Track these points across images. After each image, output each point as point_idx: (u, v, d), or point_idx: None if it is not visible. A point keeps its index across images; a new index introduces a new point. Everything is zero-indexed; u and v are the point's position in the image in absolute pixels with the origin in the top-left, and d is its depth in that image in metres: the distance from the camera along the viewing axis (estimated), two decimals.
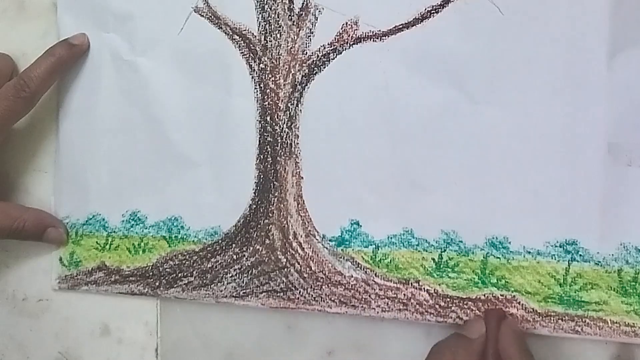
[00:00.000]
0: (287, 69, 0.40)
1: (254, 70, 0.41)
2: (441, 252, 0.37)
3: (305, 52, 0.40)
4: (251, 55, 0.41)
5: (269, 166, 0.41)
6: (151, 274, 0.44)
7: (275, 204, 0.41)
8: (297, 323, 0.41)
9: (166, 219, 0.43)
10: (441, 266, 0.37)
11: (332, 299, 0.39)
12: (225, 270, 0.42)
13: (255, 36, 0.41)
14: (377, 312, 0.38)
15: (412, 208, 0.38)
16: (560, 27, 0.35)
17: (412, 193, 0.38)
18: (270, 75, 0.41)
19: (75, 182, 0.46)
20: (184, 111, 0.43)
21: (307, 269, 0.40)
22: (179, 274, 0.43)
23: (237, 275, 0.41)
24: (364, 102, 0.39)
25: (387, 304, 0.38)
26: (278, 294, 0.40)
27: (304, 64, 0.40)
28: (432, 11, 0.37)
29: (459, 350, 0.34)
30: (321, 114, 0.40)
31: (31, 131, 0.48)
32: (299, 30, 0.40)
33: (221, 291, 0.42)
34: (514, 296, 0.36)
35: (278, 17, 0.41)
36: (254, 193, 0.41)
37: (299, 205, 0.40)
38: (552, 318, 0.35)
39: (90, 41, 0.46)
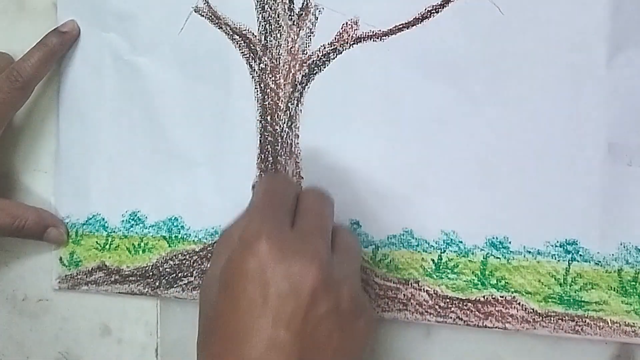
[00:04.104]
0: (287, 69, 0.40)
1: (254, 70, 0.41)
2: (440, 253, 0.37)
3: (305, 52, 0.40)
4: (251, 55, 0.41)
5: (269, 166, 0.41)
6: (151, 274, 0.44)
7: None
8: None
9: (166, 219, 0.43)
10: (440, 267, 0.37)
11: None
12: None
13: (256, 36, 0.41)
14: (377, 312, 0.38)
15: (412, 208, 0.38)
16: (560, 27, 0.35)
17: (412, 193, 0.38)
18: (270, 75, 0.41)
19: (75, 182, 0.46)
20: (184, 111, 0.43)
21: None
22: (179, 274, 0.43)
23: None
24: (364, 102, 0.39)
25: (387, 304, 0.38)
26: None
27: (304, 64, 0.40)
28: (432, 11, 0.37)
29: None
30: (321, 114, 0.40)
31: (31, 131, 0.48)
32: (299, 30, 0.40)
33: None
34: (514, 297, 0.36)
35: (278, 17, 0.41)
36: None
37: None
38: (552, 318, 0.35)
39: (90, 41, 0.46)
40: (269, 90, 0.41)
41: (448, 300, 0.37)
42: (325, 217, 0.33)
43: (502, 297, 0.36)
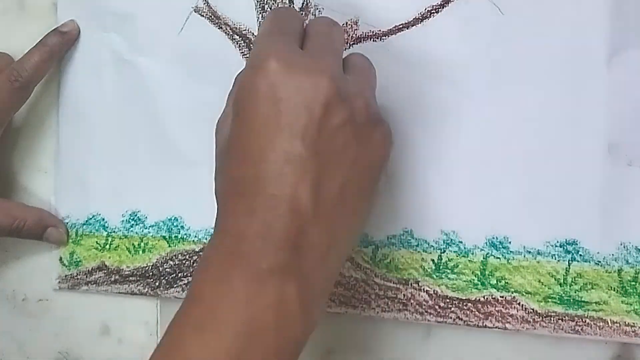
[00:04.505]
0: None
1: None
2: (440, 253, 0.37)
3: None
4: None
5: None
6: (151, 274, 0.44)
7: None
8: None
9: (166, 219, 0.43)
10: (440, 267, 0.37)
11: (332, 299, 0.39)
12: None
13: (255, 36, 0.41)
14: (377, 312, 0.38)
15: (412, 208, 0.38)
16: (560, 27, 0.35)
17: (412, 193, 0.38)
18: None
19: (75, 182, 0.46)
20: (184, 111, 0.43)
21: None
22: (179, 274, 0.43)
23: None
24: None
25: (387, 304, 0.38)
26: None
27: None
28: (432, 11, 0.37)
29: None
30: None
31: (31, 131, 0.48)
32: None
33: None
34: (514, 297, 0.36)
35: None
36: None
37: None
38: (552, 318, 0.35)
39: (90, 41, 0.46)
40: None
41: (448, 300, 0.37)
42: (334, 39, 0.33)
43: (502, 297, 0.36)
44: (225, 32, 0.42)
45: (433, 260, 0.37)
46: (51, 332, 0.47)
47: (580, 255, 0.35)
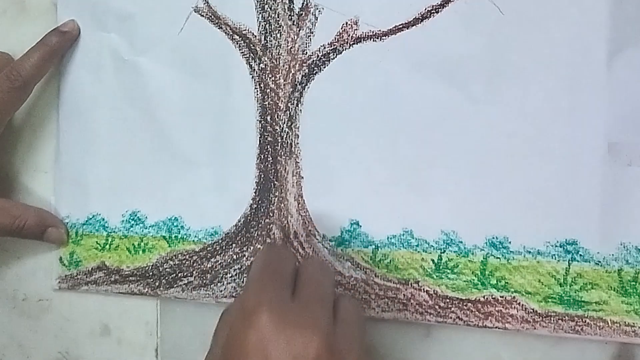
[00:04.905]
0: (287, 69, 0.40)
1: (254, 70, 0.41)
2: (440, 253, 0.37)
3: (305, 52, 0.40)
4: (251, 55, 0.41)
5: (269, 166, 0.41)
6: (151, 274, 0.44)
7: (275, 204, 0.41)
8: None
9: (166, 219, 0.43)
10: (440, 267, 0.37)
11: None
12: (225, 270, 0.42)
13: (255, 36, 0.41)
14: (377, 312, 0.38)
15: (412, 208, 0.38)
16: (560, 27, 0.35)
17: (412, 193, 0.38)
18: (270, 75, 0.41)
19: (75, 182, 0.46)
20: (184, 111, 0.43)
21: None
22: (179, 274, 0.43)
23: (237, 275, 0.41)
24: (364, 102, 0.39)
25: (387, 304, 0.38)
26: None
27: (304, 64, 0.40)
28: (432, 11, 0.37)
29: None
30: (321, 114, 0.40)
31: (31, 131, 0.48)
32: (299, 30, 0.40)
33: (221, 291, 0.42)
34: (514, 297, 0.36)
35: (278, 17, 0.41)
36: (255, 193, 0.41)
37: (300, 205, 0.40)
38: (552, 318, 0.35)
39: (90, 41, 0.46)
40: (269, 90, 0.41)
41: (448, 300, 0.37)
42: (325, 286, 0.32)
43: (502, 297, 0.36)
44: (225, 32, 0.42)
45: (433, 260, 0.37)
46: (51, 332, 0.47)
47: (580, 255, 0.35)
